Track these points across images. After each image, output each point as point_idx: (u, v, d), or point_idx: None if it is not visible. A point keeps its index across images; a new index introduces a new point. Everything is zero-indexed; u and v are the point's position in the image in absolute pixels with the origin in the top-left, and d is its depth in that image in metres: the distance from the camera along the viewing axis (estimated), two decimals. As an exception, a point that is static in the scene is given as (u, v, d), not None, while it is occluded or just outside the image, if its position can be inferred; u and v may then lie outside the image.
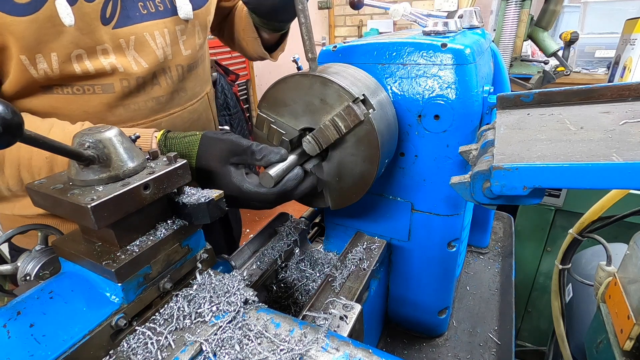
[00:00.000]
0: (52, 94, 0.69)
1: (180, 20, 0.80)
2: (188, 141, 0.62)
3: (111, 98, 0.74)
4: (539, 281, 1.81)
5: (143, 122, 0.81)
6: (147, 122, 0.81)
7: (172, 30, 0.80)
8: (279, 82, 0.65)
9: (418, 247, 0.80)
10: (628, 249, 0.78)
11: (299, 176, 0.63)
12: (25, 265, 0.56)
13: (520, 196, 0.44)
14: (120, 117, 0.77)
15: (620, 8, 3.02)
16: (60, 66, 0.66)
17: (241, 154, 0.60)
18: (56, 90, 0.69)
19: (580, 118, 0.53)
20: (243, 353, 0.43)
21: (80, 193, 0.42)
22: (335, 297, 0.58)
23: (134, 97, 0.77)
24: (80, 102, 0.72)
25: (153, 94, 0.80)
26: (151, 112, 0.81)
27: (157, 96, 0.81)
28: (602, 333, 0.78)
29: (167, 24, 0.79)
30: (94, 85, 0.71)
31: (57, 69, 0.66)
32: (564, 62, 2.13)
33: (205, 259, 0.56)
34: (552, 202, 1.60)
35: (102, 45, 0.69)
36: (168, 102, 0.84)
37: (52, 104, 0.70)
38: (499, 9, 2.18)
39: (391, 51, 0.67)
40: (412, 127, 0.69)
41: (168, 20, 0.79)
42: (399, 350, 0.88)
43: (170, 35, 0.79)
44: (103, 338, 0.43)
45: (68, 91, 0.70)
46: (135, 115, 0.79)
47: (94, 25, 0.67)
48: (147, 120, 0.81)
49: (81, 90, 0.71)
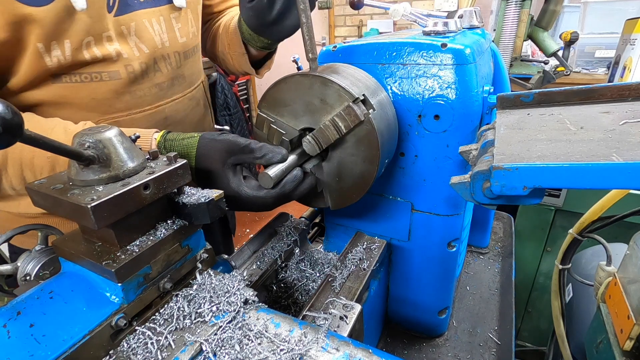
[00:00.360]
0: (61, 83, 0.71)
1: (174, 8, 0.84)
2: (186, 143, 0.62)
3: (118, 85, 0.76)
4: (539, 281, 1.81)
5: (149, 108, 0.83)
6: (152, 108, 0.84)
7: (167, 17, 0.83)
8: (279, 82, 0.65)
9: (418, 247, 0.80)
10: (628, 249, 0.78)
11: (297, 178, 0.63)
12: (25, 265, 0.56)
13: (520, 196, 0.44)
14: (127, 103, 0.79)
15: (620, 8, 3.02)
16: (72, 53, 0.68)
17: (239, 152, 0.60)
18: (65, 79, 0.71)
19: (580, 118, 0.53)
20: (243, 353, 0.43)
21: (80, 193, 0.42)
22: (335, 297, 0.58)
23: (139, 83, 0.80)
24: (88, 89, 0.74)
25: (155, 80, 0.83)
26: (155, 98, 0.84)
27: (160, 82, 0.84)
28: (602, 333, 0.78)
29: (163, 11, 0.82)
30: (100, 72, 0.74)
31: (69, 56, 0.68)
32: (564, 62, 2.13)
33: (205, 259, 0.56)
34: (552, 202, 1.60)
35: (107, 32, 0.72)
36: (169, 88, 0.87)
37: (61, 93, 0.72)
38: (499, 9, 2.18)
39: (391, 51, 0.67)
40: (412, 127, 0.69)
41: (163, 8, 0.82)
42: (399, 350, 0.88)
43: (165, 23, 0.82)
44: (103, 338, 0.43)
45: (76, 79, 0.72)
46: (141, 102, 0.82)
47: (102, 12, 0.70)
48: (152, 106, 0.84)
49: (89, 78, 0.73)
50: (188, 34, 0.89)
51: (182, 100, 0.91)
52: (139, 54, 0.78)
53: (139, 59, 0.78)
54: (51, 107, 0.73)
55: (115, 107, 0.78)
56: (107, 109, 0.77)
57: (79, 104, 0.74)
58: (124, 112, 0.79)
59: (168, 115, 0.88)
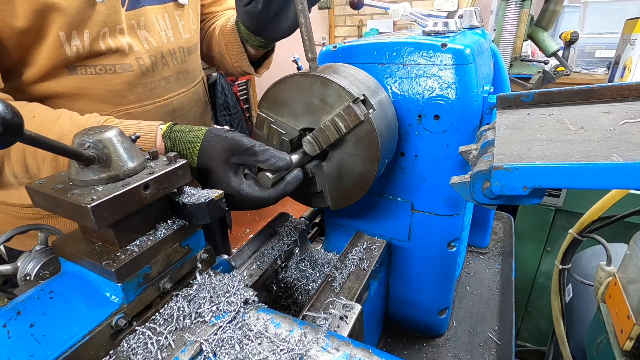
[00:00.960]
0: (77, 74, 0.74)
1: (178, 5, 0.88)
2: (192, 136, 0.62)
3: (131, 76, 0.79)
4: (539, 281, 1.80)
5: (158, 100, 0.87)
6: (162, 100, 0.87)
7: (172, 14, 0.86)
8: (279, 82, 0.65)
9: (418, 247, 0.80)
10: (628, 249, 0.78)
11: (298, 178, 0.64)
12: (25, 265, 0.56)
13: (520, 196, 0.44)
14: (139, 95, 0.82)
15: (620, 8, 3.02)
16: (90, 43, 0.71)
17: (241, 153, 0.60)
18: (80, 71, 0.74)
19: (580, 118, 0.53)
20: (243, 353, 0.43)
21: (80, 193, 0.42)
22: (335, 297, 0.58)
23: (150, 76, 0.83)
24: (103, 81, 0.76)
25: (164, 73, 0.86)
26: (164, 90, 0.88)
27: (167, 76, 0.88)
28: (602, 333, 0.78)
29: (167, 8, 0.85)
30: (114, 65, 0.76)
31: (87, 46, 0.71)
32: (564, 62, 2.13)
33: (205, 259, 0.56)
34: (552, 202, 1.60)
35: (120, 25, 0.75)
36: (176, 81, 0.91)
37: (77, 85, 0.74)
38: (499, 9, 2.18)
39: (391, 51, 0.67)
40: (412, 127, 0.69)
41: (168, 5, 0.85)
42: (399, 350, 0.88)
43: (170, 19, 0.86)
44: (103, 338, 0.43)
45: (91, 71, 0.75)
46: (151, 94, 0.85)
47: (117, 5, 0.73)
48: (161, 98, 0.87)
49: (103, 70, 0.76)
50: (190, 31, 0.93)
51: (187, 94, 0.95)
52: (148, 47, 0.81)
53: (148, 52, 0.81)
54: (66, 99, 0.75)
55: (127, 99, 0.81)
56: (120, 100, 0.80)
57: (93, 95, 0.76)
58: (135, 103, 0.82)
59: (175, 107, 0.92)
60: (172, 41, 0.86)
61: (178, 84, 0.91)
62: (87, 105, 0.76)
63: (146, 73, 0.82)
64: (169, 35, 0.85)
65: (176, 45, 0.88)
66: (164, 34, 0.84)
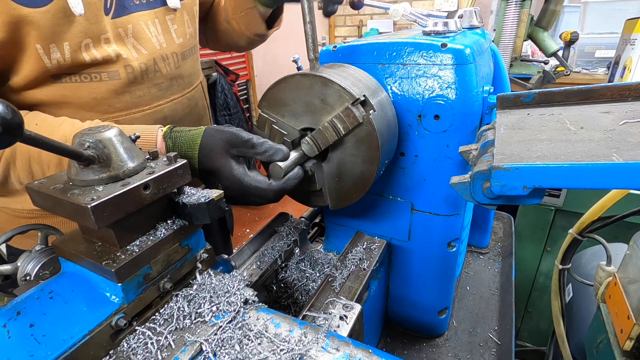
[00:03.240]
0: (62, 82, 0.72)
1: (169, 9, 0.85)
2: (193, 134, 0.64)
3: (117, 84, 0.77)
4: (539, 281, 1.80)
5: (147, 108, 0.84)
6: (151, 107, 0.85)
7: (163, 19, 0.84)
8: (280, 82, 0.65)
9: (418, 247, 0.80)
10: (628, 249, 0.78)
11: (299, 176, 0.65)
12: (25, 265, 0.56)
13: (520, 196, 0.44)
14: (126, 103, 0.80)
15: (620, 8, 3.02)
16: (71, 55, 0.69)
17: (240, 145, 0.61)
18: (65, 79, 0.72)
19: (580, 118, 0.53)
20: (243, 353, 0.43)
21: (80, 193, 0.42)
22: (335, 297, 0.58)
23: (139, 83, 0.81)
24: (88, 89, 0.74)
25: (155, 80, 0.84)
26: (154, 98, 0.85)
27: (159, 83, 0.85)
28: (602, 333, 0.78)
29: (158, 13, 0.83)
30: (100, 72, 0.74)
31: (69, 58, 0.69)
32: (564, 62, 2.13)
33: (205, 259, 0.56)
34: (552, 202, 1.60)
35: (105, 34, 0.73)
36: (168, 88, 0.88)
37: (62, 93, 0.73)
38: (499, 9, 2.18)
39: (391, 51, 0.67)
40: (412, 127, 0.69)
41: (158, 10, 0.83)
42: (399, 350, 0.88)
43: (161, 25, 0.84)
44: (103, 338, 0.43)
45: (76, 79, 0.73)
46: (140, 102, 0.82)
47: (99, 15, 0.71)
48: (150, 106, 0.84)
49: (89, 78, 0.74)
50: (185, 35, 0.90)
51: (180, 100, 0.92)
52: (138, 55, 0.78)
53: (137, 60, 0.78)
54: (52, 107, 0.73)
55: (114, 107, 0.79)
56: (106, 108, 0.78)
57: (78, 103, 0.74)
58: (123, 111, 0.80)
59: (167, 115, 0.89)
60: (164, 47, 0.84)
61: (170, 90, 0.88)
62: (73, 113, 0.74)
63: (134, 81, 0.79)
64: (160, 41, 0.83)
65: (169, 51, 0.85)
66: (155, 40, 0.82)
